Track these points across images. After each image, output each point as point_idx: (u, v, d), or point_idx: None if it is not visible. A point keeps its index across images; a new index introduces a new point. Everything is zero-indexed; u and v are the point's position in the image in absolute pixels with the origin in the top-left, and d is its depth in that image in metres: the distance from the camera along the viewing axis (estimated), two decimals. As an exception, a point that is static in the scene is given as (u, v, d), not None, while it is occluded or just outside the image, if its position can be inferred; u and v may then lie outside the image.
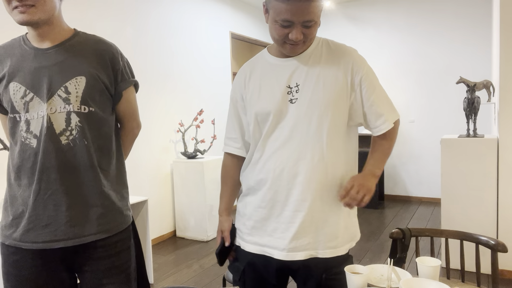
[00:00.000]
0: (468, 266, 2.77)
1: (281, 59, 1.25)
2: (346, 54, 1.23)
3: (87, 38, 1.25)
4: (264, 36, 5.93)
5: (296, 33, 1.13)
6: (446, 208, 3.05)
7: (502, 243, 1.60)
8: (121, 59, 1.27)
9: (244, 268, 1.30)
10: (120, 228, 1.27)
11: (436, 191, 5.29)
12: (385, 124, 1.23)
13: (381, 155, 1.28)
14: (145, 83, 3.86)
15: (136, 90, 1.37)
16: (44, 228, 1.17)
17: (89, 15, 3.30)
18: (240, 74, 1.34)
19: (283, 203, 1.22)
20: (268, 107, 1.22)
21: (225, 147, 1.39)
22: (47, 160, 1.16)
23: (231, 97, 1.35)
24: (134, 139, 1.43)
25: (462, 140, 2.99)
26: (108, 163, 1.26)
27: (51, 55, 1.20)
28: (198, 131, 4.55)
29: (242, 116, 1.33)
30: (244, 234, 1.31)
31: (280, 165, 1.21)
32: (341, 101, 1.21)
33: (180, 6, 4.30)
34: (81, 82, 1.19)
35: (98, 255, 1.22)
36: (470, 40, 4.98)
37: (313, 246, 1.22)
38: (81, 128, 1.19)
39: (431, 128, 5.29)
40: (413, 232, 1.74)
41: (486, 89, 3.16)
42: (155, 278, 3.12)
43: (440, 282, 1.06)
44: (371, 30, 5.58)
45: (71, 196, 1.18)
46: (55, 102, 1.17)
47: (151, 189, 3.93)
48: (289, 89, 1.21)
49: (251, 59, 1.35)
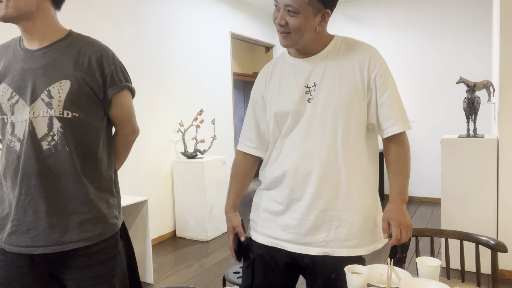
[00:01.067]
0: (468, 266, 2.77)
1: (298, 59, 1.26)
2: (364, 51, 1.22)
3: (78, 40, 1.22)
4: (264, 36, 5.93)
5: (280, 17, 1.15)
6: (446, 208, 3.05)
7: (502, 243, 1.60)
8: (112, 62, 1.21)
9: (255, 258, 1.32)
10: (104, 237, 1.22)
11: (436, 191, 5.29)
12: (393, 127, 1.19)
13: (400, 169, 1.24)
14: (145, 83, 3.86)
15: (132, 95, 1.31)
16: (25, 233, 1.16)
17: (88, 15, 3.30)
18: (261, 75, 1.36)
19: (299, 199, 1.24)
20: (287, 107, 1.23)
21: (240, 145, 1.40)
22: (27, 165, 1.14)
23: (252, 97, 1.37)
24: (130, 145, 1.38)
25: (462, 140, 2.99)
26: (93, 169, 1.21)
27: (39, 57, 1.17)
28: (198, 131, 4.55)
29: (260, 116, 1.35)
30: (258, 225, 1.34)
31: (295, 164, 1.23)
32: (358, 100, 1.20)
33: (180, 6, 4.30)
34: (65, 86, 1.15)
35: (80, 264, 1.19)
36: (470, 40, 4.98)
37: (328, 244, 1.22)
38: (63, 133, 1.15)
39: (431, 128, 5.29)
40: (413, 232, 1.74)
41: (486, 89, 3.16)
42: (155, 278, 3.12)
43: (440, 282, 1.06)
44: (371, 30, 5.58)
45: (51, 202, 1.15)
46: (38, 106, 1.14)
47: (151, 189, 3.93)
48: (307, 89, 1.22)
49: (272, 60, 1.38)
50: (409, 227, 1.19)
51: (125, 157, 1.40)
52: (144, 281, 3.05)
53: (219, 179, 4.17)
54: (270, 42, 6.11)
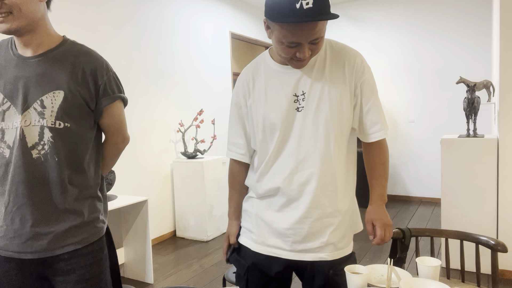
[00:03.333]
0: (468, 266, 2.77)
1: (284, 67, 1.22)
2: (351, 57, 1.22)
3: (73, 49, 1.20)
4: (264, 36, 5.93)
5: (304, 52, 1.10)
6: (446, 208, 3.05)
7: (502, 243, 1.60)
8: (105, 73, 1.21)
9: (249, 266, 1.31)
10: (91, 240, 1.23)
11: (436, 191, 5.29)
12: (380, 132, 1.23)
13: (382, 172, 1.28)
14: (145, 82, 3.86)
15: (124, 104, 1.31)
16: (13, 239, 1.16)
17: (90, 14, 3.30)
18: (242, 79, 1.30)
19: (294, 209, 1.23)
20: (276, 117, 1.21)
21: (229, 152, 1.36)
22: (16, 173, 1.14)
23: (234, 102, 1.32)
24: (119, 153, 1.38)
25: (462, 140, 2.99)
26: (81, 178, 1.22)
27: (32, 65, 1.16)
28: (198, 131, 4.55)
29: (246, 122, 1.30)
30: (252, 233, 1.32)
31: (290, 175, 1.21)
32: (346, 106, 1.21)
33: (180, 6, 4.30)
34: (58, 97, 1.14)
35: (68, 268, 1.20)
36: (470, 40, 4.98)
37: (322, 250, 1.24)
38: (53, 143, 1.15)
39: (431, 128, 5.29)
40: (413, 232, 1.74)
41: (486, 89, 3.16)
42: (155, 278, 3.12)
43: (440, 282, 1.06)
44: (371, 30, 5.58)
45: (38, 211, 1.15)
46: (30, 115, 1.13)
47: (151, 189, 3.93)
48: (296, 97, 1.20)
49: (251, 62, 1.32)
50: (391, 226, 1.26)
51: (113, 164, 1.41)
52: (144, 281, 3.05)
53: (219, 179, 4.17)
54: (270, 42, 6.10)
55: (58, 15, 3.04)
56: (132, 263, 3.10)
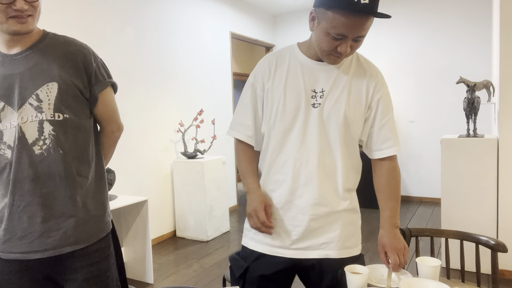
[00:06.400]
0: (468, 266, 2.77)
1: (313, 61, 1.24)
2: (373, 72, 1.26)
3: (57, 40, 1.20)
4: (264, 36, 5.93)
5: (346, 46, 1.12)
6: (446, 208, 3.05)
7: (502, 243, 1.60)
8: (94, 60, 1.21)
9: (248, 266, 1.29)
10: (99, 237, 1.24)
11: (436, 191, 5.29)
12: (391, 148, 1.25)
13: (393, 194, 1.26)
14: (145, 82, 3.86)
15: (114, 91, 1.31)
16: (21, 239, 1.15)
17: (90, 15, 3.30)
18: (264, 63, 1.29)
19: (298, 206, 1.23)
20: (290, 108, 1.22)
21: (234, 132, 1.32)
22: (20, 171, 1.13)
23: (251, 82, 1.29)
24: (115, 142, 1.38)
25: (462, 140, 2.99)
26: (87, 170, 1.22)
27: (20, 61, 1.15)
28: (198, 131, 4.55)
29: (259, 105, 1.29)
30: (253, 233, 1.30)
31: (298, 169, 1.22)
32: (359, 115, 1.23)
33: (181, 6, 4.30)
34: (53, 89, 1.14)
35: (77, 265, 1.20)
36: (470, 40, 4.98)
37: (327, 247, 1.24)
38: (56, 136, 1.15)
39: (431, 128, 5.29)
40: (413, 232, 1.74)
41: (486, 89, 3.16)
42: (155, 278, 3.12)
43: (440, 282, 1.06)
44: (371, 30, 5.57)
45: (47, 207, 1.15)
46: (26, 111, 1.13)
47: (151, 189, 3.93)
48: (314, 93, 1.22)
49: (278, 50, 1.31)
50: (405, 249, 1.22)
51: (111, 154, 1.41)
52: (144, 281, 3.05)
53: (219, 179, 4.17)
54: (270, 42, 6.11)
55: (59, 15, 3.04)
56: (132, 263, 3.10)
